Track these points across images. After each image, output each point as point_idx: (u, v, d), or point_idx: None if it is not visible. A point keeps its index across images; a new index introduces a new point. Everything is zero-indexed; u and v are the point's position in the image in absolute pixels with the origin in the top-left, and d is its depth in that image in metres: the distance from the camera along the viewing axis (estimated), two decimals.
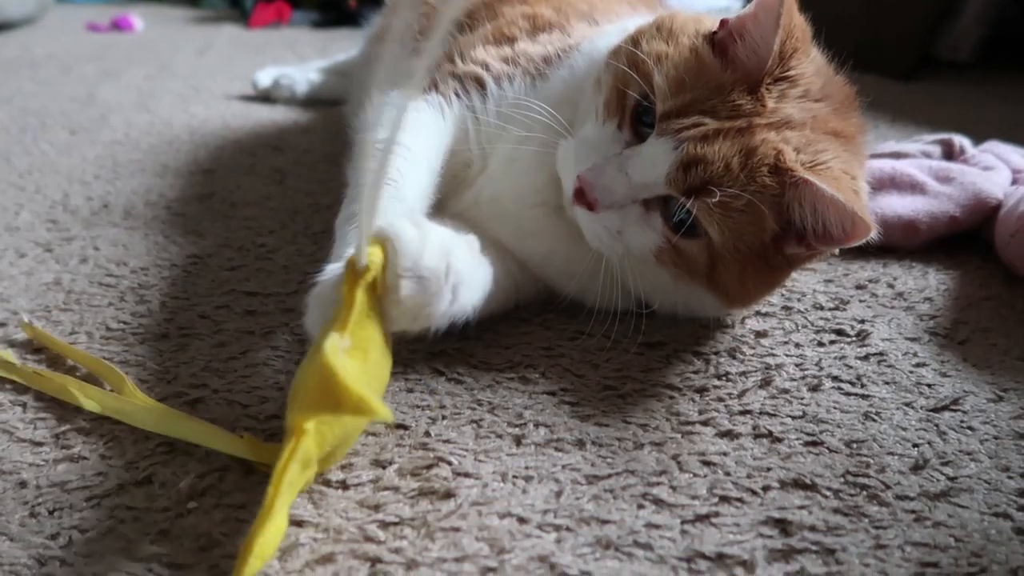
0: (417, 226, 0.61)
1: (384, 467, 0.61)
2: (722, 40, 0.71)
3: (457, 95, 0.84)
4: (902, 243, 0.99)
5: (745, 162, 0.67)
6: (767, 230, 0.69)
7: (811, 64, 0.71)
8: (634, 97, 0.72)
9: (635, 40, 0.75)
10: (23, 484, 0.59)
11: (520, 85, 0.82)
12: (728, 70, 0.69)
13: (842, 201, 0.64)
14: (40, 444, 0.63)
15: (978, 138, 1.15)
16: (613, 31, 0.83)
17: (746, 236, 0.69)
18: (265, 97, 1.72)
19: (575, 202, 0.72)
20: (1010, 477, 0.61)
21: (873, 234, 0.66)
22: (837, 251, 0.84)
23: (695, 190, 0.68)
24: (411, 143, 0.77)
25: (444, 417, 0.67)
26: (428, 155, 0.78)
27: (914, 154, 1.11)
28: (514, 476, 0.60)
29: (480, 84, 0.84)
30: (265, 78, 1.72)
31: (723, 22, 0.72)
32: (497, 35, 0.92)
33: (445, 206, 0.83)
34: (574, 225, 0.76)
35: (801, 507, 0.58)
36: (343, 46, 2.02)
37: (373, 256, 0.57)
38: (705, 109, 0.68)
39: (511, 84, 0.83)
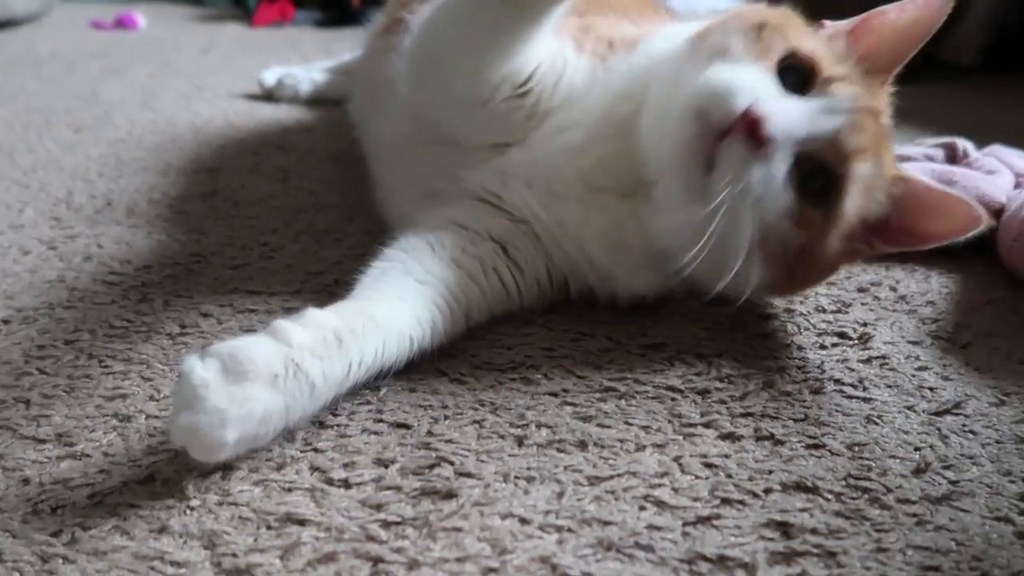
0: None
1: (386, 466, 0.61)
2: (853, 32, 0.76)
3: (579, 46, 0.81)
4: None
5: (878, 149, 0.72)
6: (870, 217, 0.73)
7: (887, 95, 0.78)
8: (779, 51, 0.71)
9: (732, 17, 0.76)
10: (26, 481, 0.59)
11: (587, 64, 0.80)
12: (861, 59, 0.74)
13: (954, 196, 0.72)
14: (43, 441, 0.63)
15: (981, 142, 1.15)
16: (660, 36, 0.82)
17: (868, 215, 0.73)
18: (269, 96, 1.72)
19: (739, 131, 0.66)
20: (1012, 481, 0.61)
21: (985, 221, 0.71)
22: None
23: (852, 156, 0.70)
24: None
25: (446, 417, 0.67)
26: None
27: (917, 157, 1.11)
28: (516, 477, 0.60)
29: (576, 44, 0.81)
30: (270, 77, 1.73)
31: (820, 24, 0.77)
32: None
33: (472, 169, 0.82)
34: (605, 202, 0.77)
35: (803, 510, 0.58)
36: (346, 45, 2.02)
37: None
38: (859, 83, 0.72)
39: (579, 59, 0.80)
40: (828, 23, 0.77)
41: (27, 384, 0.70)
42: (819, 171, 0.70)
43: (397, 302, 0.71)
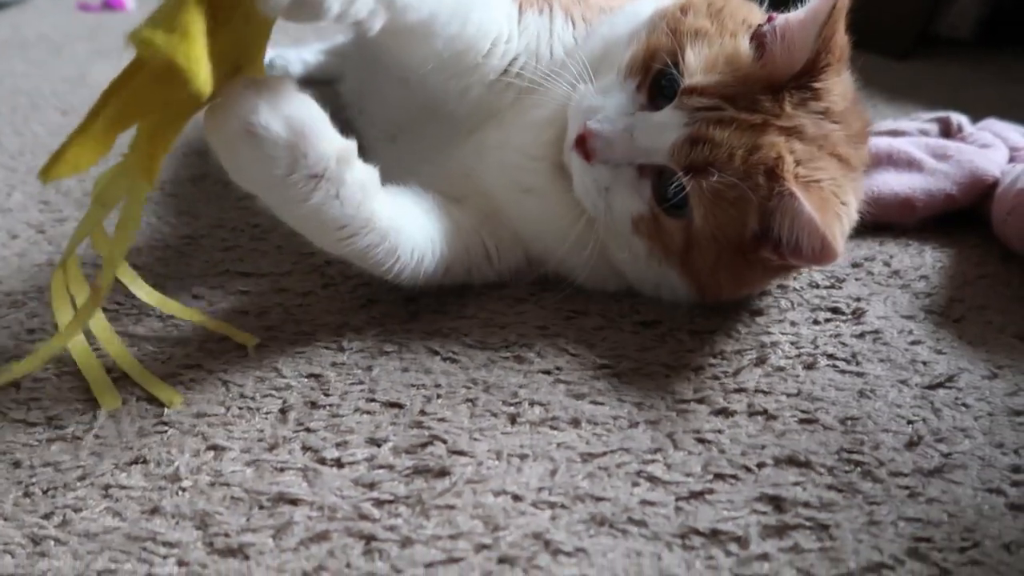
0: None
1: (379, 445, 0.61)
2: (763, 34, 0.70)
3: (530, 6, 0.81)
4: (898, 221, 0.99)
5: (747, 157, 0.67)
6: (747, 227, 0.69)
7: (839, 85, 0.71)
8: (660, 64, 0.71)
9: (682, 9, 0.74)
10: (17, 464, 0.59)
11: (570, 33, 0.81)
12: (759, 64, 0.69)
13: (816, 222, 0.63)
14: (33, 424, 0.63)
15: (976, 116, 1.14)
16: (650, 4, 0.81)
17: (727, 227, 0.69)
18: None
19: (574, 148, 0.72)
20: (1004, 453, 0.61)
21: (839, 260, 0.67)
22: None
23: (694, 168, 0.68)
24: None
25: (439, 396, 0.67)
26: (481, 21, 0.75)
27: (911, 132, 1.10)
28: (509, 454, 0.60)
29: (550, 8, 0.81)
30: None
31: (770, 17, 0.72)
32: None
33: (457, 146, 0.82)
34: (567, 187, 0.76)
35: (795, 484, 0.58)
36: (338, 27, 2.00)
37: None
38: (727, 95, 0.68)
39: (563, 26, 0.81)
40: (778, 18, 0.72)
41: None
42: (676, 186, 0.69)
43: (414, 220, 0.74)
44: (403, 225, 0.71)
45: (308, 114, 0.62)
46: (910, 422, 0.65)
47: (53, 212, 1.02)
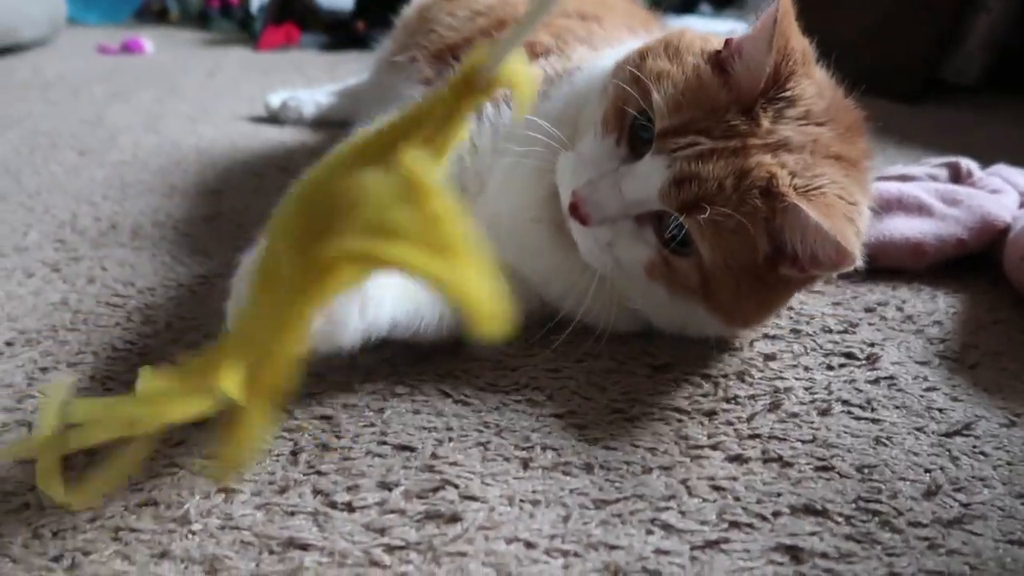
0: None
1: (390, 489, 0.60)
2: (723, 59, 0.71)
3: None
4: (910, 265, 0.99)
5: (738, 183, 0.67)
6: (759, 251, 0.68)
7: (812, 86, 0.71)
8: (632, 114, 0.72)
9: (641, 56, 0.75)
10: (26, 506, 0.58)
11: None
12: (725, 90, 0.69)
13: (826, 229, 0.63)
14: None
15: (985, 161, 1.15)
16: (614, 54, 0.83)
17: (737, 255, 0.69)
18: (274, 119, 1.73)
19: (570, 216, 0.73)
20: None
21: (858, 263, 0.65)
22: (833, 275, 0.84)
23: (688, 207, 0.68)
24: None
25: (451, 439, 0.66)
26: None
27: (920, 177, 1.11)
28: (521, 500, 0.59)
29: (476, 112, 0.83)
30: (276, 100, 1.74)
31: (727, 41, 0.72)
32: None
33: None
34: (570, 243, 0.76)
35: (812, 533, 0.57)
36: (352, 68, 2.03)
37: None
38: (701, 128, 0.68)
39: (509, 107, 0.83)
40: (734, 40, 0.72)
41: (29, 407, 0.70)
42: (671, 223, 0.70)
43: None
44: (419, 292, 0.73)
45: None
46: (928, 471, 0.64)
47: (69, 251, 1.03)
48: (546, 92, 0.83)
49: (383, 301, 0.68)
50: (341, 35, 2.93)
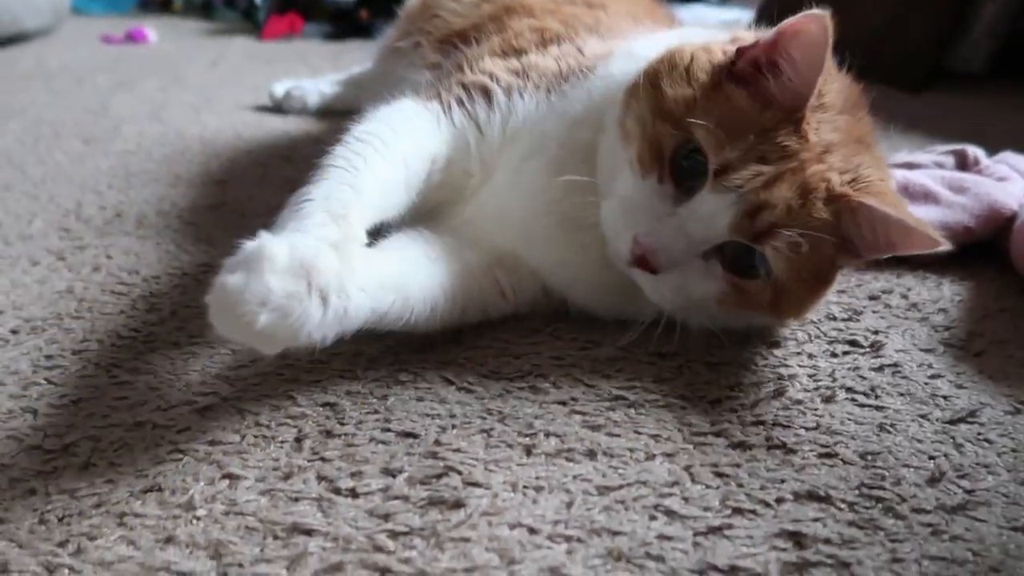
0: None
1: (394, 476, 0.60)
2: (747, 74, 0.70)
3: (460, 103, 0.83)
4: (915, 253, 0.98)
5: (803, 199, 0.68)
6: (827, 254, 0.70)
7: (835, 81, 0.72)
8: (671, 148, 0.70)
9: (652, 81, 0.73)
10: (32, 491, 0.58)
11: (532, 99, 0.82)
12: (764, 110, 0.69)
13: (904, 220, 0.66)
14: (50, 452, 0.63)
15: (991, 149, 1.14)
16: (621, 56, 0.82)
17: (809, 264, 0.70)
18: (278, 108, 1.73)
19: (635, 267, 0.71)
20: None
21: (944, 247, 0.67)
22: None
23: (760, 236, 0.68)
24: (390, 139, 0.76)
25: (454, 426, 0.66)
26: (407, 156, 0.77)
27: (927, 164, 1.10)
28: (524, 486, 0.60)
29: (486, 94, 0.83)
30: (280, 89, 1.74)
31: (739, 51, 0.71)
32: (505, 47, 0.91)
33: (446, 216, 0.83)
34: (588, 237, 0.76)
35: (815, 519, 0.57)
36: (355, 57, 2.03)
37: None
38: (757, 156, 0.68)
39: (522, 97, 0.82)
40: (746, 45, 0.71)
41: (35, 394, 0.70)
42: (741, 249, 0.70)
43: (424, 269, 0.75)
44: (408, 281, 0.71)
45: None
46: (931, 457, 0.64)
47: (73, 240, 1.03)
48: (562, 89, 0.82)
49: (349, 291, 0.63)
50: (344, 24, 2.92)
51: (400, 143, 0.77)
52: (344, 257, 0.63)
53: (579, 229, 0.77)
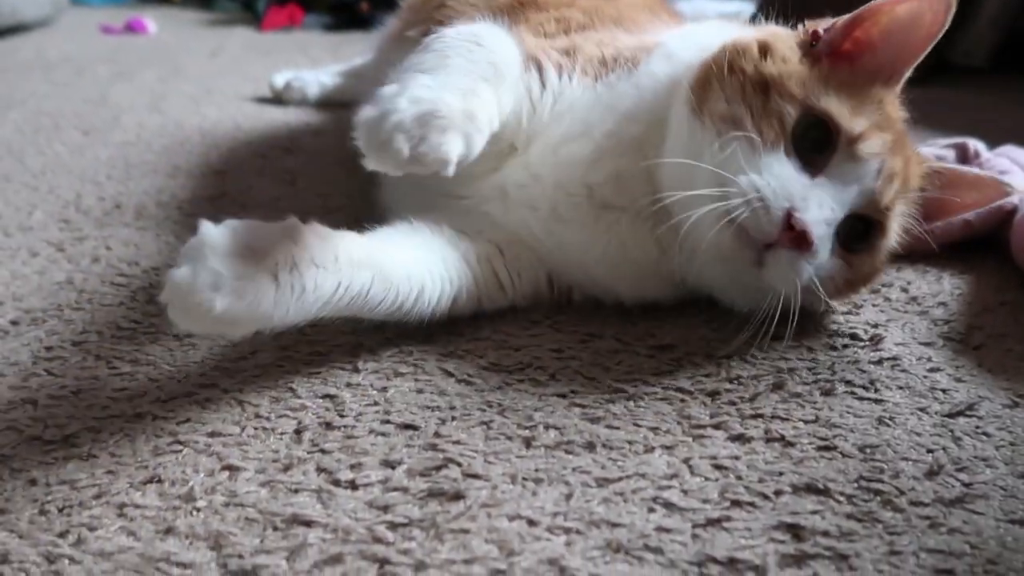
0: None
1: (393, 467, 0.60)
2: (831, 53, 0.74)
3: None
4: (916, 247, 0.98)
5: (907, 167, 0.73)
6: (909, 225, 0.75)
7: None
8: (792, 121, 0.71)
9: (733, 67, 0.73)
10: (33, 482, 0.59)
11: (580, 85, 0.80)
12: (868, 83, 0.73)
13: (979, 174, 0.75)
14: (50, 442, 0.63)
15: (992, 143, 1.14)
16: (662, 54, 0.81)
17: (906, 232, 0.76)
18: (278, 99, 1.73)
19: (785, 246, 0.68)
20: None
21: (1015, 196, 0.76)
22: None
23: (889, 205, 0.72)
24: (498, 50, 0.75)
25: (454, 418, 0.66)
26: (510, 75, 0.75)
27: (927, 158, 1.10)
28: (524, 478, 0.60)
29: (539, 68, 0.81)
30: (280, 80, 1.73)
31: (814, 33, 0.75)
32: (537, 33, 0.89)
33: (449, 198, 0.82)
34: (614, 217, 0.77)
35: (814, 512, 0.57)
36: (356, 49, 2.02)
37: None
38: (877, 123, 0.72)
39: (571, 81, 0.80)
40: (815, 24, 0.75)
41: (35, 385, 0.70)
42: (860, 224, 0.72)
43: (408, 252, 0.74)
44: (384, 260, 0.71)
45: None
46: (930, 451, 0.64)
47: (73, 231, 1.03)
48: (608, 79, 0.80)
49: (301, 267, 0.62)
50: (345, 16, 2.91)
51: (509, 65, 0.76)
52: (300, 233, 0.65)
53: (607, 209, 0.78)
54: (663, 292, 0.82)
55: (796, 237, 0.67)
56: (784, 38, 0.76)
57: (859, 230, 0.72)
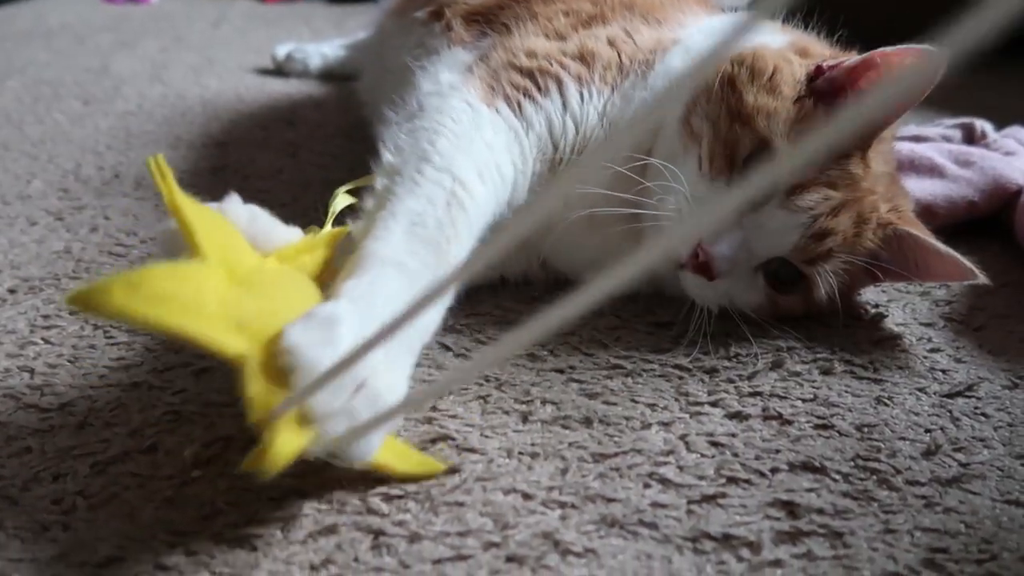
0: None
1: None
2: (824, 92, 0.71)
3: (528, 97, 0.75)
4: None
5: (858, 228, 0.71)
6: (859, 276, 0.74)
7: None
8: (745, 152, 0.70)
9: (728, 83, 0.72)
10: (28, 450, 0.59)
11: (600, 99, 0.76)
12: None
13: (949, 252, 0.71)
14: (46, 410, 0.63)
15: (1000, 123, 1.13)
16: (679, 52, 0.78)
17: (846, 286, 0.74)
18: (279, 71, 1.71)
19: (690, 269, 0.70)
20: None
21: (981, 278, 0.70)
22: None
23: (816, 258, 0.71)
24: (473, 187, 0.66)
25: (451, 392, 0.66)
26: (491, 207, 0.69)
27: (934, 138, 1.09)
28: (520, 452, 0.60)
29: (559, 84, 0.76)
30: (282, 51, 1.72)
31: (818, 68, 0.72)
32: (548, 32, 0.84)
33: None
34: (610, 233, 0.75)
35: (810, 490, 0.57)
36: (360, 21, 2.00)
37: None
38: (827, 180, 0.69)
39: (591, 97, 0.76)
40: (827, 63, 0.71)
41: (32, 353, 0.70)
42: (791, 267, 0.72)
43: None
44: None
45: None
46: (928, 431, 0.64)
47: (72, 200, 1.02)
48: (623, 88, 0.77)
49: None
50: None
51: (484, 192, 0.68)
52: None
53: (605, 226, 0.75)
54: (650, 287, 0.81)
55: (700, 265, 0.70)
56: (796, 65, 0.73)
57: (790, 273, 0.72)
